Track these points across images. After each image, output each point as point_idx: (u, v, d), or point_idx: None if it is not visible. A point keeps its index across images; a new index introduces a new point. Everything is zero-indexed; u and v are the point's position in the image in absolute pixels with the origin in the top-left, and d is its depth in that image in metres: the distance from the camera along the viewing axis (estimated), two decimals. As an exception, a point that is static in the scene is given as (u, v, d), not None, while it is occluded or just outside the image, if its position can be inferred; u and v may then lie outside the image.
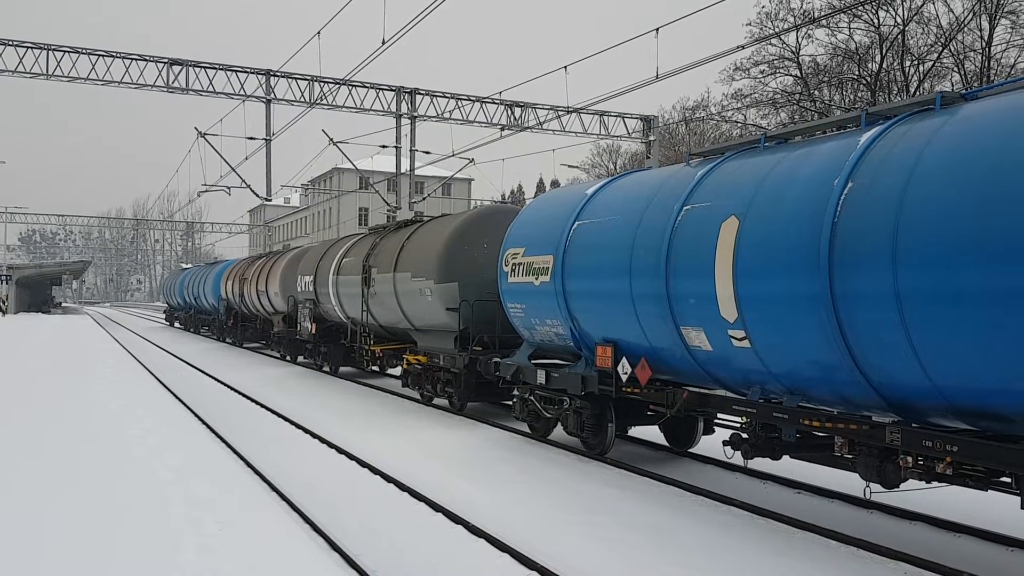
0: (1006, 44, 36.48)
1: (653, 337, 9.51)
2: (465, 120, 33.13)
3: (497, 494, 9.66)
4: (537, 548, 7.39)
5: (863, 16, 38.29)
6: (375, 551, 7.41)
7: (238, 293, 33.59)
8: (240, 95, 29.60)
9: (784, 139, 8.86)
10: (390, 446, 12.49)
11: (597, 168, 67.93)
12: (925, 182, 6.24)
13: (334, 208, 79.19)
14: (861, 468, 7.33)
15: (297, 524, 8.32)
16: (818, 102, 40.84)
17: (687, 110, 52.66)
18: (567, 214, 11.35)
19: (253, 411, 16.51)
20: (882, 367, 6.68)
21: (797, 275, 7.16)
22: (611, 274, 10.00)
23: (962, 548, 7.62)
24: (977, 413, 6.25)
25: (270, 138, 29.72)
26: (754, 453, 8.55)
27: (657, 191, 9.83)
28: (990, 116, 6.27)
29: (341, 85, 30.62)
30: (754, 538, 7.92)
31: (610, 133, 36.15)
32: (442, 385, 15.94)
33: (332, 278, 21.23)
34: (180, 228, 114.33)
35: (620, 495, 9.55)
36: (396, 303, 17.14)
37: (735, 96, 43.76)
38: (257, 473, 10.57)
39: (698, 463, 11.47)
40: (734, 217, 8.06)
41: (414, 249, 16.68)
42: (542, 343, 12.30)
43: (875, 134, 7.10)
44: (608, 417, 11.30)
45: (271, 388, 20.05)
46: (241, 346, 35.04)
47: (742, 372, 8.42)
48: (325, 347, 23.33)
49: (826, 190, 7.06)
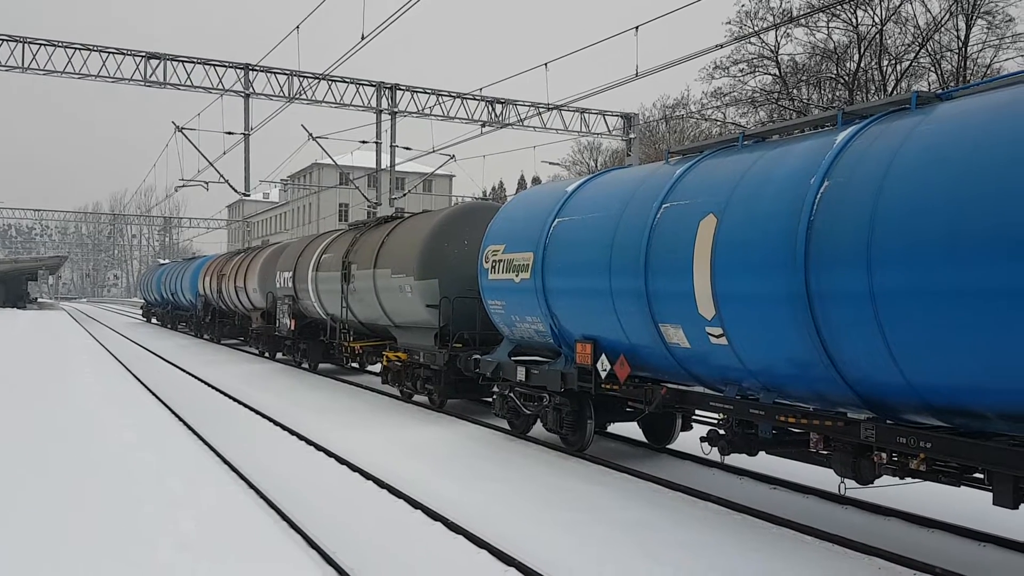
0: (982, 44, 36.98)
1: (632, 334, 9.55)
2: (446, 116, 33.08)
3: (476, 491, 9.67)
4: (516, 544, 7.41)
5: (841, 15, 38.63)
6: (352, 548, 7.38)
7: (216, 289, 33.32)
8: (218, 89, 29.38)
9: (762, 138, 8.92)
10: (369, 443, 12.45)
11: (578, 165, 68.13)
12: (899, 182, 6.31)
13: (314, 204, 78.77)
14: (836, 464, 7.41)
15: (274, 521, 8.29)
16: (796, 101, 41.16)
17: (667, 108, 52.94)
18: (547, 211, 11.37)
19: (231, 408, 16.40)
20: (857, 364, 6.75)
21: (774, 273, 7.22)
22: (591, 271, 10.03)
23: (935, 543, 7.71)
24: (950, 410, 6.33)
25: (249, 133, 29.52)
26: (731, 449, 8.61)
27: (636, 189, 9.87)
28: (964, 117, 6.34)
29: (321, 80, 30.47)
30: (731, 534, 7.98)
31: (591, 130, 36.25)
32: (422, 382, 15.91)
33: (311, 274, 21.13)
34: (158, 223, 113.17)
35: (599, 491, 9.58)
36: (376, 299, 17.09)
37: (715, 94, 44.05)
38: (234, 470, 10.51)
39: (676, 459, 11.53)
40: (712, 215, 8.11)
41: (394, 245, 16.63)
42: (522, 340, 12.32)
43: (851, 133, 7.17)
44: (587, 414, 11.34)
45: (249, 385, 19.93)
46: (219, 342, 34.77)
47: (719, 369, 8.48)
48: (304, 344, 23.21)
49: (802, 189, 7.12)
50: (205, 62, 29.34)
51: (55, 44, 27.57)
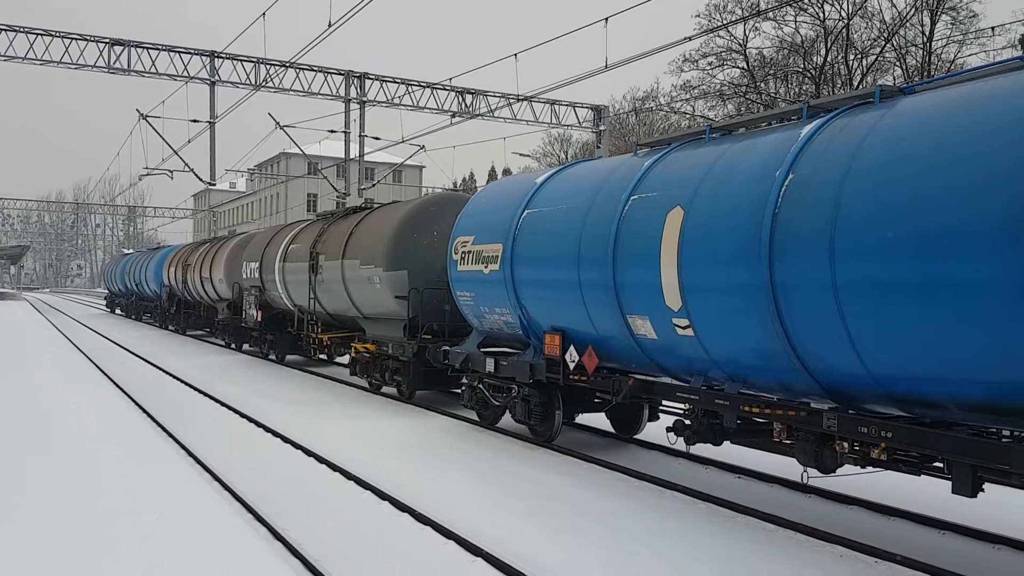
0: (946, 39, 37.59)
1: (600, 326, 9.60)
2: (415, 106, 32.88)
3: (444, 482, 9.67)
4: (484, 534, 7.42)
5: (809, 9, 39.07)
6: (319, 540, 7.34)
7: (181, 279, 32.91)
8: (183, 77, 28.92)
9: (728, 131, 8.98)
10: (337, 435, 12.39)
11: (548, 157, 68.15)
12: (862, 175, 6.39)
13: (281, 194, 77.96)
14: (799, 453, 7.52)
15: (239, 514, 8.22)
16: (764, 95, 41.54)
17: (637, 100, 53.16)
18: (516, 203, 11.36)
19: (196, 400, 16.22)
20: (820, 355, 6.84)
21: (739, 265, 7.29)
22: (560, 263, 10.05)
23: (896, 531, 7.85)
24: (911, 400, 6.45)
25: (214, 121, 29.10)
26: (696, 439, 8.70)
27: (605, 181, 9.89)
28: (926, 111, 6.43)
29: (288, 68, 30.11)
30: (697, 522, 8.06)
31: (561, 122, 36.25)
32: (390, 373, 15.86)
33: (279, 265, 20.92)
34: (122, 212, 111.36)
35: (567, 481, 9.63)
36: (344, 291, 16.98)
37: (684, 87, 44.34)
38: (199, 463, 10.39)
39: (643, 449, 11.62)
40: (679, 207, 8.16)
41: (363, 236, 16.53)
42: (491, 331, 12.32)
43: (816, 127, 7.24)
44: (556, 405, 11.38)
45: (215, 376, 19.71)
46: (184, 334, 34.37)
47: (686, 360, 8.55)
48: (271, 335, 23.00)
49: (768, 181, 7.19)
50: (170, 49, 28.85)
51: (16, 29, 26.93)
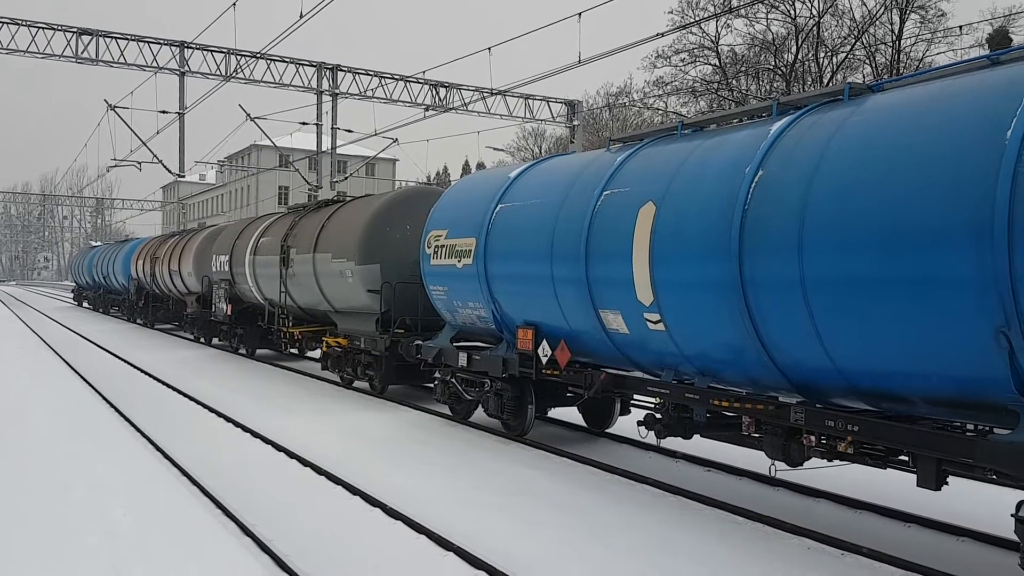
0: (915, 38, 38.12)
1: (573, 320, 9.64)
2: (388, 99, 32.70)
3: (417, 476, 9.66)
4: (456, 529, 7.42)
5: (780, 7, 39.40)
6: (290, 535, 7.31)
7: (149, 272, 32.52)
8: (153, 67, 28.52)
9: (700, 127, 9.05)
10: (308, 429, 12.33)
11: (523, 151, 68.12)
12: (830, 172, 6.48)
13: (252, 186, 77.14)
14: (767, 447, 7.62)
15: (208, 509, 8.16)
16: (736, 91, 41.85)
17: (610, 96, 53.30)
18: (490, 197, 11.36)
19: (164, 394, 16.05)
20: (788, 350, 6.93)
21: (710, 260, 7.35)
22: (533, 258, 10.07)
23: (863, 524, 7.97)
24: (877, 394, 6.55)
25: (184, 112, 28.75)
26: (667, 433, 8.78)
27: (578, 176, 9.92)
28: (894, 109, 6.53)
29: (259, 59, 29.79)
30: (667, 515, 8.13)
31: (535, 117, 36.26)
32: (363, 368, 15.79)
33: (249, 258, 20.73)
34: (90, 204, 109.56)
35: (539, 475, 9.66)
36: (316, 284, 16.87)
37: (656, 83, 44.51)
38: (167, 457, 10.30)
39: (615, 443, 11.70)
40: (651, 203, 8.21)
41: (335, 229, 16.43)
42: (464, 326, 12.31)
43: (785, 123, 7.32)
44: (528, 399, 11.41)
45: (184, 370, 19.51)
46: (152, 327, 33.98)
47: (657, 354, 8.61)
48: (241, 329, 22.79)
49: (738, 178, 7.25)
50: (139, 39, 28.42)
51: (-21, 17, 26.38)
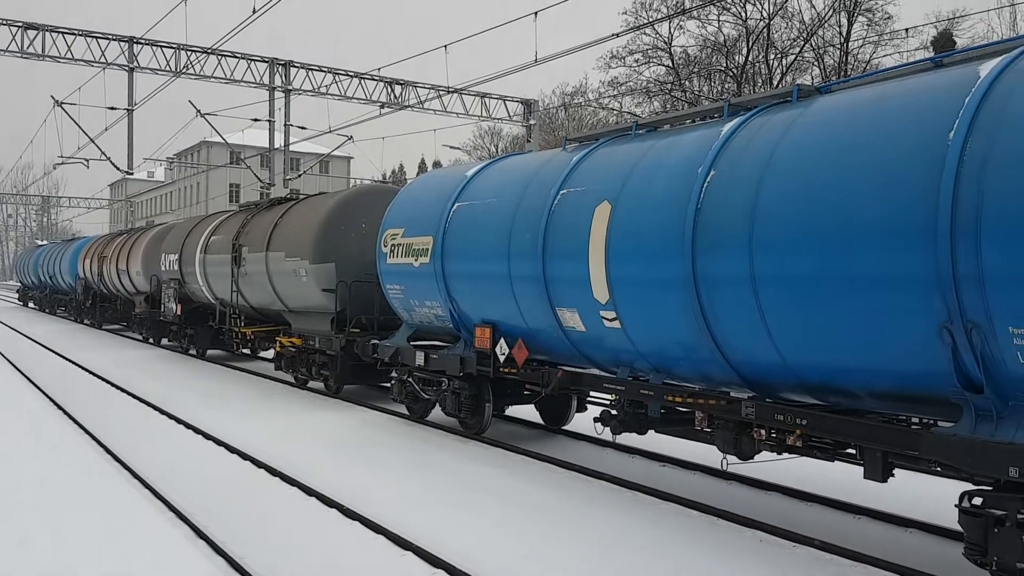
0: (862, 40, 38.99)
1: (530, 318, 9.68)
2: (343, 96, 32.42)
3: (374, 476, 9.62)
4: (414, 528, 7.41)
5: (731, 9, 39.98)
6: (244, 538, 7.23)
7: (97, 272, 31.84)
8: (101, 63, 27.88)
9: (654, 127, 9.17)
10: (262, 431, 12.18)
11: (479, 150, 68.03)
12: (779, 172, 6.62)
13: (202, 184, 75.82)
14: (719, 441, 7.76)
15: (160, 512, 8.03)
16: (688, 92, 42.37)
17: (566, 95, 53.56)
18: (447, 195, 11.35)
19: (113, 395, 15.71)
20: (739, 346, 7.07)
21: (664, 259, 7.46)
22: (490, 256, 10.09)
23: (814, 516, 8.15)
24: (824, 389, 6.72)
25: (132, 108, 28.16)
26: (622, 428, 8.89)
27: (535, 175, 9.97)
28: (840, 110, 6.70)
29: (210, 54, 29.31)
30: (623, 510, 8.22)
31: (491, 115, 36.27)
32: (317, 368, 15.65)
33: (199, 257, 20.39)
34: (35, 203, 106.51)
35: (497, 473, 9.69)
36: (269, 284, 16.67)
37: (611, 83, 44.87)
38: (118, 460, 10.10)
39: (572, 440, 11.78)
40: (607, 202, 8.29)
41: (288, 228, 16.24)
42: (421, 325, 12.28)
43: (736, 124, 7.46)
44: (486, 397, 11.43)
45: (133, 371, 19.12)
46: (100, 328, 33.29)
47: (613, 352, 8.71)
48: (191, 329, 22.44)
49: (690, 177, 7.37)
50: (87, 34, 27.76)
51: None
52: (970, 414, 5.56)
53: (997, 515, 5.47)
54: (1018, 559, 5.32)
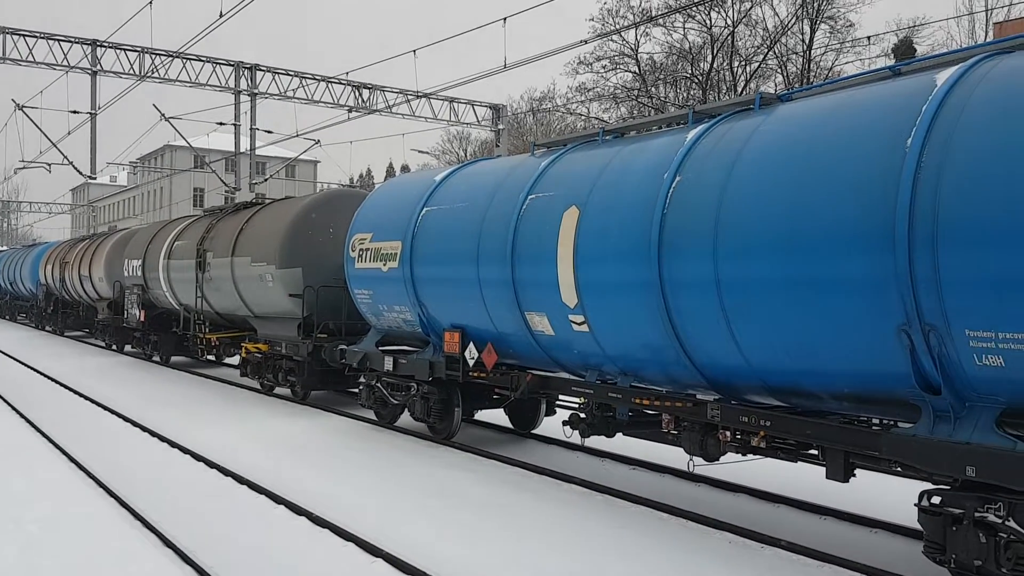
0: (825, 47, 39.67)
1: (499, 322, 9.71)
2: (310, 100, 32.21)
3: (343, 483, 9.57)
4: (384, 535, 7.40)
5: (697, 16, 40.43)
6: (214, 547, 7.16)
7: (59, 278, 31.32)
8: (63, 66, 27.42)
9: (621, 133, 9.27)
10: (228, 438, 12.06)
11: (448, 155, 67.98)
12: (742, 178, 6.75)
13: (166, 188, 74.79)
14: (685, 443, 7.86)
15: (127, 521, 7.92)
16: (655, 98, 42.77)
17: (534, 100, 53.75)
18: (416, 200, 11.34)
19: (76, 403, 15.46)
20: (704, 349, 7.17)
21: (631, 263, 7.55)
22: (459, 260, 10.11)
23: (781, 517, 8.25)
24: (787, 391, 6.84)
25: (96, 112, 27.73)
26: (590, 432, 8.95)
27: (504, 180, 10.01)
28: (801, 118, 6.84)
29: (175, 58, 28.97)
30: (594, 513, 8.27)
31: (460, 120, 36.25)
32: (284, 374, 15.53)
33: (163, 262, 20.14)
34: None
35: (468, 478, 9.70)
36: (234, 289, 16.50)
37: (579, 89, 45.16)
38: (81, 468, 9.95)
39: (542, 444, 11.83)
40: (575, 207, 8.36)
41: (254, 233, 16.10)
42: (390, 329, 12.25)
43: (700, 131, 7.59)
44: (455, 402, 11.44)
45: (96, 379, 18.82)
46: (62, 334, 32.73)
47: (581, 355, 8.77)
48: (155, 335, 22.15)
49: (656, 183, 7.47)
50: (49, 37, 27.31)
51: None
52: (928, 415, 5.70)
53: (955, 514, 5.60)
54: (975, 556, 5.46)
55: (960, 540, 5.54)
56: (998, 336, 5.11)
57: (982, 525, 5.43)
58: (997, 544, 5.37)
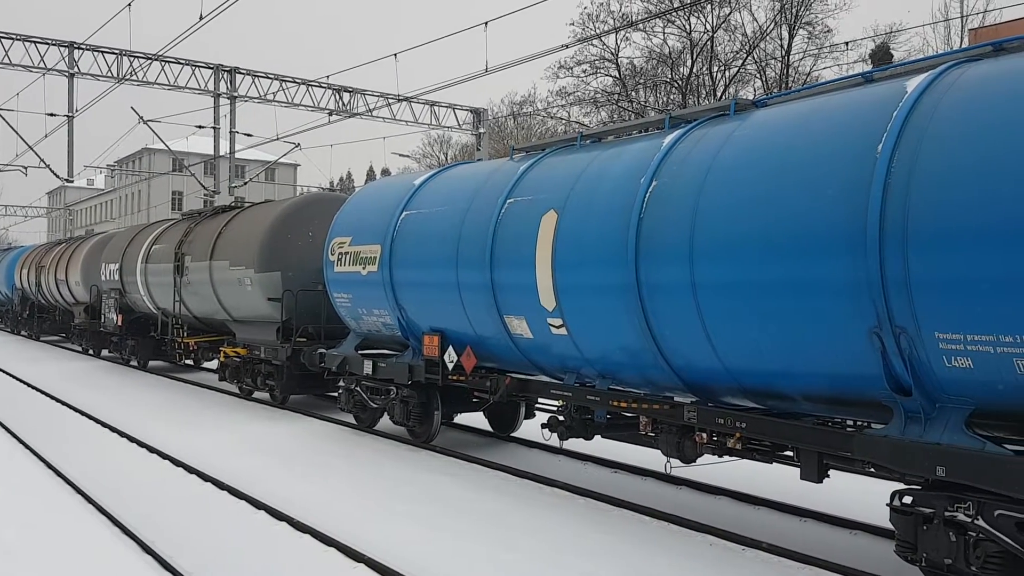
0: (803, 53, 40.06)
1: (478, 326, 9.74)
2: (290, 103, 32.06)
3: (323, 487, 9.55)
4: (365, 540, 7.38)
5: (676, 22, 40.70)
6: (193, 553, 7.12)
7: (35, 282, 31.01)
8: (40, 68, 27.13)
9: (599, 138, 9.35)
10: (207, 443, 11.99)
11: (428, 158, 67.93)
12: (717, 183, 6.83)
13: (144, 191, 74.19)
14: (662, 445, 7.92)
15: (105, 527, 7.88)
16: (635, 103, 42.99)
17: (515, 104, 53.84)
18: (395, 204, 11.35)
19: (53, 409, 15.30)
20: (681, 351, 7.24)
21: (608, 266, 7.61)
22: (438, 264, 10.13)
23: (762, 519, 8.32)
24: (762, 393, 6.92)
25: (73, 115, 27.46)
26: (569, 434, 9.00)
27: (483, 184, 10.05)
28: (775, 123, 6.94)
29: (153, 60, 28.76)
30: (576, 517, 8.29)
31: (441, 124, 36.22)
32: (263, 378, 15.46)
33: (140, 266, 19.99)
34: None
35: (448, 482, 9.70)
36: (213, 293, 16.42)
37: (559, 93, 45.32)
38: (59, 475, 9.86)
39: (523, 447, 11.85)
40: (553, 211, 8.42)
41: (233, 236, 16.03)
42: (369, 333, 12.25)
43: (677, 136, 7.67)
44: (434, 405, 11.45)
45: (73, 384, 18.64)
46: (38, 339, 32.42)
47: (560, 358, 8.82)
48: (133, 340, 22.00)
49: (634, 187, 7.54)
50: (25, 39, 27.00)
51: None
52: (900, 416, 5.79)
53: (926, 513, 5.68)
54: (945, 555, 5.54)
55: (931, 539, 5.62)
56: (966, 338, 5.20)
57: (952, 524, 5.51)
58: (967, 543, 5.45)
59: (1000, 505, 5.28)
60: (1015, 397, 5.14)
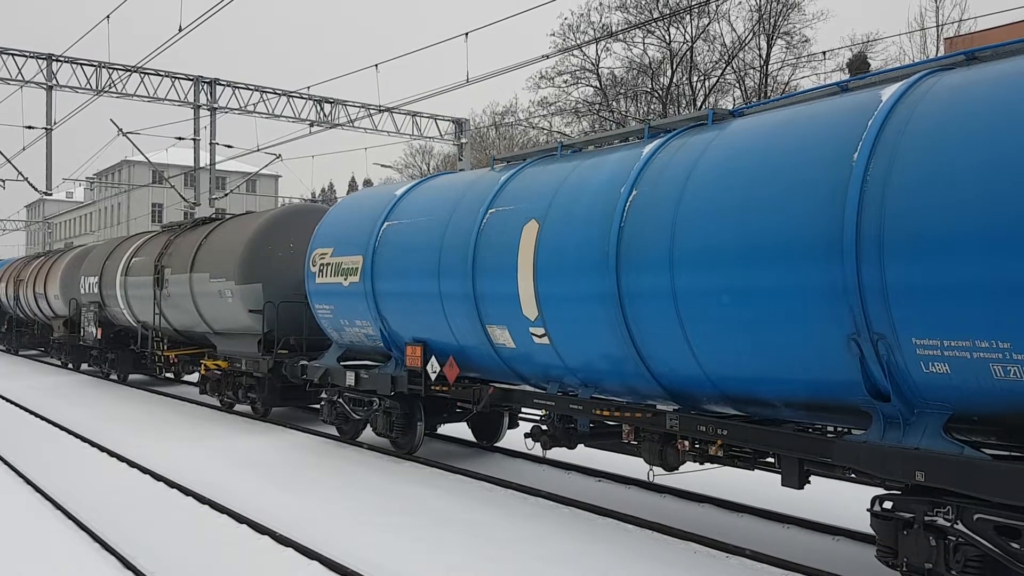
0: (781, 63, 40.48)
1: (461, 336, 9.73)
2: (271, 114, 31.96)
3: (306, 500, 9.49)
4: (349, 553, 7.33)
5: (656, 32, 41.02)
6: (174, 568, 7.06)
7: (13, 296, 30.73)
8: (18, 81, 26.91)
9: (579, 148, 9.40)
10: (188, 457, 11.89)
11: (411, 168, 67.91)
12: (696, 191, 6.88)
13: (123, 204, 73.65)
14: (645, 452, 7.94)
15: (87, 544, 7.77)
16: (616, 112, 43.24)
17: (497, 115, 54.01)
18: (376, 214, 11.34)
19: (32, 424, 15.12)
20: (663, 359, 7.27)
21: (590, 275, 7.63)
22: (420, 274, 10.12)
23: (745, 526, 8.35)
24: (743, 400, 6.96)
25: (51, 128, 27.25)
26: (552, 444, 9.00)
27: (464, 194, 10.06)
28: (751, 132, 7.01)
29: (133, 72, 28.60)
30: (560, 526, 8.28)
31: (423, 134, 36.23)
32: (244, 391, 15.36)
33: (120, 279, 19.83)
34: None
35: (433, 493, 9.66)
36: (193, 305, 16.31)
37: (541, 103, 45.53)
38: (38, 491, 9.73)
39: (507, 457, 11.83)
40: (534, 220, 8.44)
41: (213, 248, 15.95)
42: (352, 344, 12.20)
43: (656, 146, 7.73)
44: (417, 416, 11.41)
45: (52, 398, 18.43)
46: (17, 353, 32.11)
47: (542, 367, 8.83)
48: (112, 353, 21.79)
49: (614, 196, 7.59)
50: (3, 51, 26.80)
51: None
52: (879, 422, 5.83)
53: (906, 518, 5.72)
54: (925, 559, 5.58)
55: (911, 544, 5.66)
56: (943, 344, 5.26)
57: (932, 529, 5.55)
58: (947, 547, 5.49)
59: (979, 509, 5.33)
60: (992, 402, 5.20)
